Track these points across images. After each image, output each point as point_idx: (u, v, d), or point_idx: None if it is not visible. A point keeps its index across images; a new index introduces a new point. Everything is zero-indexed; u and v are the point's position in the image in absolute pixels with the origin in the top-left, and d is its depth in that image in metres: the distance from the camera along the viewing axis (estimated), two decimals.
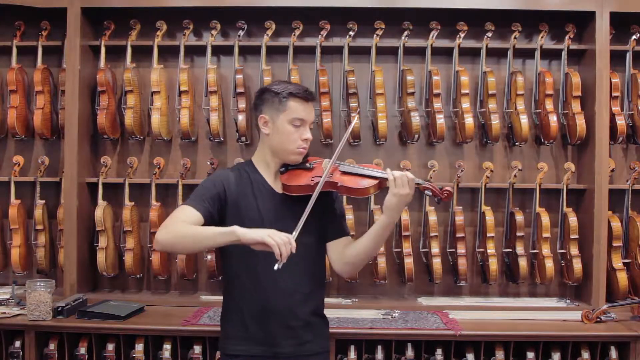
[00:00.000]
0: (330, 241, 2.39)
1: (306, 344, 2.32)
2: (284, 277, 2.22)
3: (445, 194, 2.25)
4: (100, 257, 3.39)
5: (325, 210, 2.35)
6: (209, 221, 2.25)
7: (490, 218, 3.40)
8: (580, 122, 3.34)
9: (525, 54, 3.55)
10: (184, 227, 2.17)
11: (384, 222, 2.25)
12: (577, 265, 3.34)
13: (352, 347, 2.97)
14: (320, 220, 2.32)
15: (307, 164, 2.37)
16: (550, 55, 3.53)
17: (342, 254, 2.36)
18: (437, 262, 3.37)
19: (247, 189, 2.30)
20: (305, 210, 2.14)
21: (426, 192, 2.28)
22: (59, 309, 2.99)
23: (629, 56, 3.41)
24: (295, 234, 2.09)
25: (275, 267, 2.02)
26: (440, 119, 3.37)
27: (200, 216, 2.22)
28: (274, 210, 2.28)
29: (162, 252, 2.05)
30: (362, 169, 2.34)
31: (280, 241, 2.02)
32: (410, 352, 2.96)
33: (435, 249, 3.38)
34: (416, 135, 3.39)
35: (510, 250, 3.45)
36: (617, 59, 3.39)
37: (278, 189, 2.35)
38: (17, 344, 2.98)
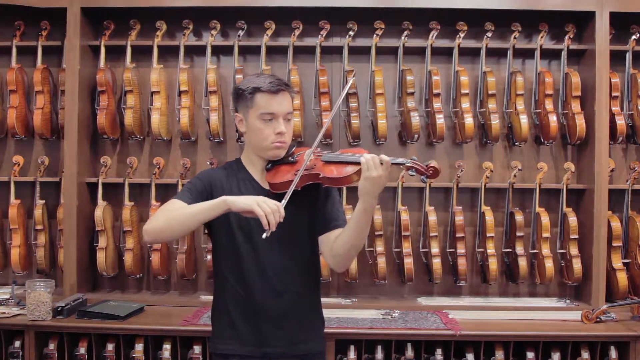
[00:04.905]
0: (321, 235, 2.24)
1: (298, 345, 2.25)
2: (273, 276, 2.19)
3: (431, 171, 2.03)
4: (100, 257, 3.39)
5: (313, 204, 2.26)
6: None
7: (490, 218, 3.40)
8: (580, 122, 3.34)
9: (525, 54, 3.55)
10: (171, 212, 2.12)
11: (360, 209, 2.08)
12: (577, 265, 3.34)
13: (352, 347, 2.98)
14: (310, 215, 2.25)
15: (290, 158, 2.22)
16: (550, 55, 3.53)
17: (331, 246, 2.20)
18: (436, 262, 3.37)
19: (234, 187, 2.25)
20: (286, 193, 2.05)
21: (410, 171, 2.06)
22: (59, 309, 2.99)
23: (628, 56, 3.41)
24: (283, 202, 2.02)
25: (263, 235, 1.97)
26: (440, 119, 3.37)
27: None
28: None
29: (153, 242, 1.96)
30: (345, 155, 2.15)
31: (269, 209, 1.96)
32: (410, 352, 2.96)
33: (435, 249, 3.38)
34: (416, 135, 3.39)
35: (510, 250, 3.45)
36: (617, 59, 3.39)
37: (266, 185, 2.26)
38: (17, 344, 2.99)
